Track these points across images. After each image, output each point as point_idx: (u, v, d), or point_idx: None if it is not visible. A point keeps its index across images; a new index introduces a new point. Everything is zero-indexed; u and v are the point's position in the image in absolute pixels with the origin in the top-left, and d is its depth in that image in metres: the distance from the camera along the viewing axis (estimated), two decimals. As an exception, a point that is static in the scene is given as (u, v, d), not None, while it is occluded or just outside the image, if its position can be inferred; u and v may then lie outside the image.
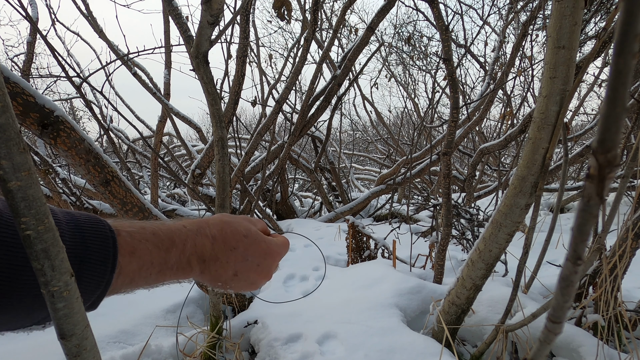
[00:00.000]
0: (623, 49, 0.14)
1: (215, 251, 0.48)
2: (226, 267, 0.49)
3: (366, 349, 1.18)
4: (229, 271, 0.49)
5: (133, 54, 2.11)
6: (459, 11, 4.18)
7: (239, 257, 0.49)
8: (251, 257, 0.50)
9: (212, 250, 0.48)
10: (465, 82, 5.57)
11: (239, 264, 0.50)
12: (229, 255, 0.49)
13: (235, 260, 0.49)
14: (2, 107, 0.25)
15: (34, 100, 0.98)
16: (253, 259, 0.51)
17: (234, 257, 0.49)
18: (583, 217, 0.16)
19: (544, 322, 0.19)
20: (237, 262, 0.49)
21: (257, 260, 0.51)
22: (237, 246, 0.50)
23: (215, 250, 0.48)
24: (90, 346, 0.32)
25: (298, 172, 6.45)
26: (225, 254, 0.49)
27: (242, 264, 0.50)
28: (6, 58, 4.43)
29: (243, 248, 0.50)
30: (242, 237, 0.50)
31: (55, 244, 0.28)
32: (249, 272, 0.51)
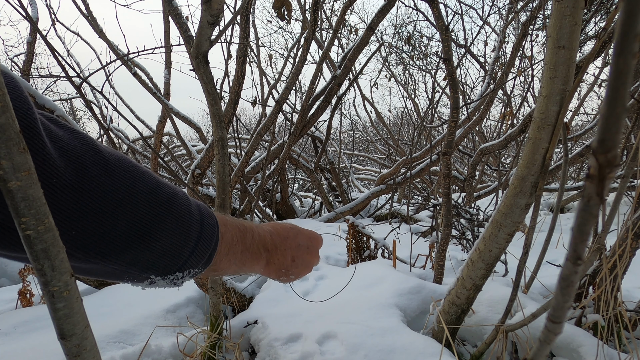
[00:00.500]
0: (623, 49, 0.14)
1: (274, 241, 0.57)
2: (285, 254, 0.58)
3: (366, 349, 1.18)
4: (288, 257, 0.58)
5: (133, 54, 2.11)
6: (459, 11, 4.18)
7: (292, 244, 0.59)
8: (302, 241, 0.60)
9: (271, 240, 0.57)
10: (465, 82, 5.57)
11: (294, 250, 0.59)
12: (285, 244, 0.58)
13: (290, 247, 0.59)
14: (2, 107, 0.25)
15: (34, 100, 0.98)
16: (303, 243, 0.61)
17: (289, 245, 0.59)
18: (583, 217, 0.16)
19: (544, 322, 0.19)
20: (292, 248, 0.59)
21: (306, 243, 0.61)
22: (289, 235, 0.59)
23: (274, 241, 0.57)
24: (90, 346, 0.32)
25: (298, 172, 6.45)
26: (283, 243, 0.58)
27: (296, 249, 0.59)
28: (6, 58, 4.43)
29: (293, 236, 0.60)
30: (290, 228, 0.60)
31: (56, 244, 0.28)
32: (303, 255, 0.61)
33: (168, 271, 0.44)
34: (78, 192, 0.35)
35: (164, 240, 0.41)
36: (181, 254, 0.43)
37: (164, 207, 0.41)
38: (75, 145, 0.37)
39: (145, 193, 0.40)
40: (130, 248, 0.39)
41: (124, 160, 0.41)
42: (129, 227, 0.38)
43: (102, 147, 0.40)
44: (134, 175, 0.40)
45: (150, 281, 0.44)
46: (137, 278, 0.43)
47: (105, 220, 0.37)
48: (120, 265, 0.40)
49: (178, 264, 0.44)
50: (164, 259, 0.42)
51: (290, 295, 1.66)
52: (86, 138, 0.39)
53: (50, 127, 0.37)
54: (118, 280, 0.43)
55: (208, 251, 0.46)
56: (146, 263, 0.41)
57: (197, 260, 0.45)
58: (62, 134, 0.37)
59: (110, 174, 0.38)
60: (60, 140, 0.36)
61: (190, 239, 0.44)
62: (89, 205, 0.36)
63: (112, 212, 0.37)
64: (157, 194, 0.41)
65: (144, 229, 0.39)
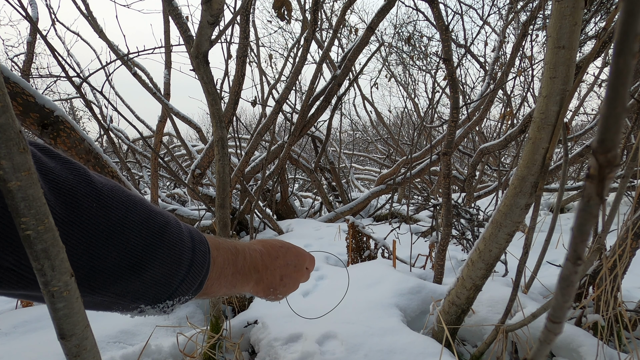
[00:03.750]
0: (623, 49, 0.14)
1: (264, 261, 0.59)
2: (274, 273, 0.59)
3: (366, 349, 1.18)
4: (277, 277, 0.60)
5: (133, 54, 2.11)
6: (459, 11, 4.18)
7: (281, 263, 0.61)
8: (289, 260, 0.62)
9: (262, 261, 0.58)
10: (465, 82, 5.57)
11: (283, 269, 0.61)
12: (274, 263, 0.60)
13: (279, 267, 0.60)
14: (2, 107, 0.25)
15: (34, 100, 0.98)
16: (291, 261, 0.62)
17: (278, 264, 0.60)
18: (583, 217, 0.16)
19: (544, 322, 0.19)
20: (281, 267, 0.60)
21: (294, 261, 0.63)
22: (278, 255, 0.61)
23: (264, 261, 0.59)
24: (90, 346, 0.32)
25: (298, 172, 6.45)
26: (272, 263, 0.59)
27: (285, 268, 0.61)
28: (6, 58, 4.43)
29: (282, 255, 0.61)
30: (279, 247, 0.62)
31: (55, 244, 0.28)
32: (291, 273, 0.62)
33: (158, 300, 0.43)
34: (68, 225, 0.35)
35: (156, 269, 0.41)
36: (172, 282, 0.43)
37: (156, 236, 0.41)
38: (67, 177, 0.37)
39: (137, 223, 0.40)
40: (121, 279, 0.39)
41: (117, 190, 0.41)
42: (120, 258, 0.38)
43: (94, 178, 0.40)
44: (127, 206, 0.40)
45: (139, 310, 0.43)
46: (127, 308, 0.42)
47: (96, 253, 0.37)
48: (110, 297, 0.40)
49: (168, 292, 0.44)
50: (154, 288, 0.42)
51: (291, 296, 1.66)
52: (79, 169, 0.39)
53: (42, 159, 0.37)
54: (106, 310, 0.42)
55: (199, 278, 0.46)
56: (136, 293, 0.41)
57: (188, 287, 0.45)
58: (54, 165, 0.37)
59: (103, 205, 0.38)
60: (51, 172, 0.36)
61: (181, 267, 0.44)
62: (80, 238, 0.36)
63: (104, 243, 0.37)
64: (149, 223, 0.41)
65: (136, 259, 0.39)
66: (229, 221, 1.14)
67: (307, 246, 2.55)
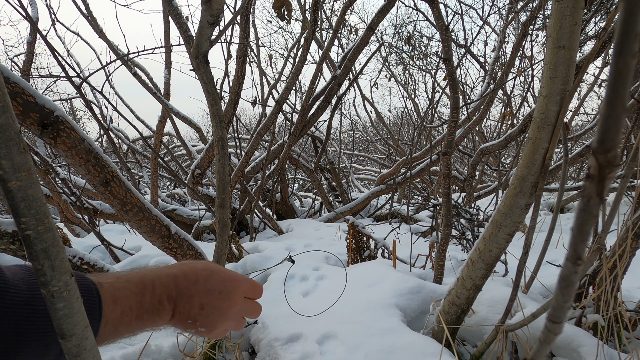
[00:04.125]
0: (623, 49, 0.14)
1: (179, 286, 0.50)
2: (192, 301, 0.50)
3: (366, 349, 1.18)
4: (195, 305, 0.50)
5: (133, 54, 2.11)
6: (459, 11, 4.18)
7: (201, 289, 0.51)
8: (212, 286, 0.52)
9: (176, 286, 0.50)
10: (465, 82, 5.57)
11: (202, 296, 0.51)
12: (191, 289, 0.50)
13: (198, 293, 0.50)
14: (2, 107, 0.25)
15: (34, 100, 0.98)
16: (214, 287, 0.52)
17: (196, 290, 0.51)
18: (583, 217, 0.16)
19: (544, 322, 0.19)
20: (201, 294, 0.51)
21: (219, 287, 0.52)
22: (198, 279, 0.51)
23: (179, 286, 0.50)
24: (90, 346, 0.32)
25: (298, 172, 6.45)
26: (188, 289, 0.50)
27: (206, 295, 0.51)
28: (6, 58, 4.43)
29: (203, 279, 0.52)
30: (201, 270, 0.52)
31: (55, 244, 0.28)
32: (215, 301, 0.52)
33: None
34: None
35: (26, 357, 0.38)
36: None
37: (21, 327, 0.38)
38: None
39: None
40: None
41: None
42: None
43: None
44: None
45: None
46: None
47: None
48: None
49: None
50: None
51: (291, 296, 1.66)
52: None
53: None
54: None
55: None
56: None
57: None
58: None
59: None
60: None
61: (51, 352, 0.40)
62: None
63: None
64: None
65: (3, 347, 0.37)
66: (229, 221, 1.14)
67: (307, 246, 2.55)
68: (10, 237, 1.26)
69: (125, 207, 1.22)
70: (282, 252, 2.24)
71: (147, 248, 2.66)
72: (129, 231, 3.53)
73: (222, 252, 1.16)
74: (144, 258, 2.41)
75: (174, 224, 1.37)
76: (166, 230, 1.32)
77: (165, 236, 1.32)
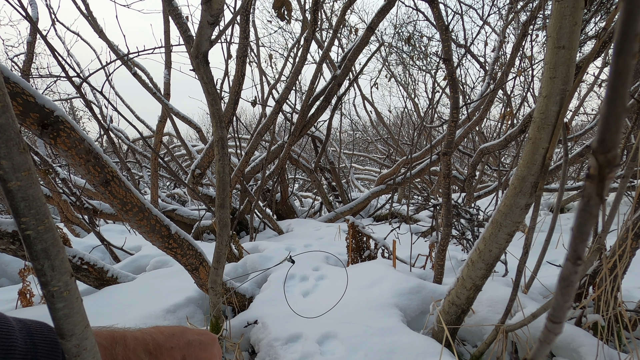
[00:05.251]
0: (623, 49, 0.14)
1: (157, 340, 0.51)
2: (172, 353, 0.51)
3: (366, 349, 1.18)
4: (177, 357, 0.51)
5: (133, 54, 2.11)
6: (459, 11, 4.18)
7: (181, 342, 0.53)
8: (190, 337, 0.54)
9: (153, 340, 0.50)
10: (465, 82, 5.57)
11: (183, 348, 0.52)
12: (170, 342, 0.52)
13: (178, 345, 0.52)
14: (2, 107, 0.25)
15: (34, 100, 0.98)
16: (194, 339, 0.54)
17: (176, 342, 0.52)
18: (583, 217, 0.16)
19: (544, 322, 0.19)
20: (181, 346, 0.52)
21: (197, 338, 0.54)
22: (174, 332, 0.53)
23: (156, 340, 0.51)
24: (90, 346, 0.32)
25: (298, 172, 6.45)
26: (168, 341, 0.52)
27: (187, 347, 0.53)
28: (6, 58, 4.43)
29: (179, 332, 0.54)
30: (174, 326, 0.55)
31: (55, 244, 0.28)
32: (197, 353, 0.53)
33: None
34: None
35: None
36: None
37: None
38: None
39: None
40: None
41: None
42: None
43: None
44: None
45: None
46: None
47: None
48: None
49: None
50: None
51: (291, 296, 1.66)
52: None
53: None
54: None
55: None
56: None
57: None
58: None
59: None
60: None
61: None
62: None
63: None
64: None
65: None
66: (229, 221, 1.14)
67: (307, 246, 2.55)
68: (10, 237, 1.26)
69: (125, 207, 1.22)
70: (282, 252, 2.24)
71: (147, 248, 2.66)
72: (129, 231, 3.53)
73: (222, 252, 1.16)
74: (144, 258, 2.41)
75: (174, 224, 1.37)
76: (166, 230, 1.32)
77: (165, 236, 1.32)
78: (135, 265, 2.35)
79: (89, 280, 1.89)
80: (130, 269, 2.30)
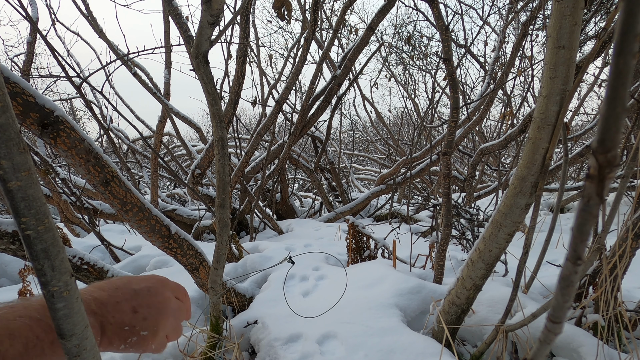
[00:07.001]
0: (623, 49, 0.14)
1: (98, 298, 0.45)
2: (120, 307, 0.45)
3: (366, 349, 1.18)
4: (126, 310, 0.46)
5: (133, 54, 2.11)
6: (459, 11, 4.18)
7: (126, 293, 0.47)
8: (136, 286, 0.48)
9: (94, 299, 0.45)
10: (465, 82, 5.57)
11: (131, 299, 0.47)
12: (114, 296, 0.46)
13: (125, 298, 0.46)
14: (2, 107, 0.25)
15: (34, 100, 0.98)
16: (140, 287, 0.48)
17: (120, 295, 0.46)
18: (583, 217, 0.16)
19: (544, 322, 0.19)
20: (128, 298, 0.46)
21: (145, 285, 0.48)
22: (117, 286, 0.47)
23: (97, 298, 0.45)
24: (90, 346, 0.32)
25: (298, 172, 6.45)
26: (111, 297, 0.46)
27: (134, 297, 0.47)
28: (6, 58, 4.43)
29: (123, 284, 0.47)
30: (117, 279, 0.48)
31: (55, 244, 0.28)
32: (147, 300, 0.47)
33: None
34: None
35: None
36: None
37: None
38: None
39: None
40: None
41: None
42: None
43: None
44: None
45: None
46: None
47: None
48: None
49: None
50: None
51: (291, 296, 1.66)
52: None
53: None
54: None
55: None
56: None
57: None
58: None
59: None
60: None
61: None
62: None
63: None
64: None
65: None
66: (229, 221, 1.14)
67: (307, 246, 2.55)
68: (10, 237, 1.26)
69: (125, 207, 1.22)
70: (282, 252, 2.24)
71: (147, 248, 2.66)
72: (129, 231, 3.53)
73: (222, 252, 1.16)
74: (144, 258, 2.41)
75: (174, 224, 1.37)
76: (166, 230, 1.32)
77: (165, 236, 1.32)
78: (135, 265, 2.35)
79: (89, 280, 1.89)
80: (130, 269, 2.30)
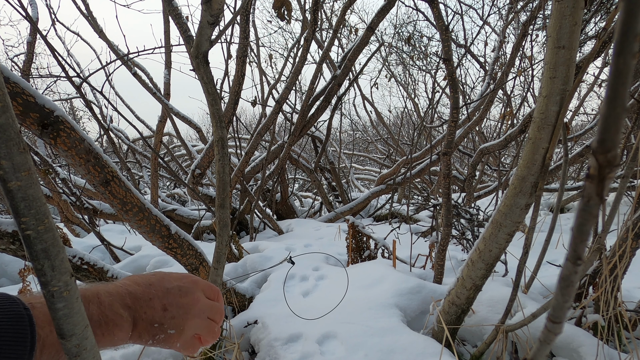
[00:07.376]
0: (623, 49, 0.14)
1: (133, 293, 0.47)
2: (152, 304, 0.47)
3: (366, 349, 1.18)
4: (157, 307, 0.48)
5: (133, 54, 2.11)
6: (459, 11, 4.18)
7: (158, 290, 0.49)
8: (168, 284, 0.50)
9: (129, 293, 0.47)
10: (465, 82, 5.57)
11: (162, 297, 0.49)
12: (148, 292, 0.48)
13: (156, 295, 0.48)
14: (2, 107, 0.25)
15: (34, 100, 0.98)
16: (172, 285, 0.50)
17: (154, 292, 0.48)
18: (583, 217, 0.16)
19: (544, 322, 0.19)
20: (160, 295, 0.48)
21: (176, 284, 0.50)
22: (151, 282, 0.49)
23: (132, 292, 0.47)
24: (90, 346, 0.32)
25: (298, 172, 6.45)
26: (145, 293, 0.48)
27: (166, 295, 0.49)
28: (6, 58, 4.43)
29: (157, 281, 0.49)
30: (151, 275, 0.51)
31: (55, 244, 0.28)
32: (177, 300, 0.49)
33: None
34: None
35: None
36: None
37: None
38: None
39: None
40: None
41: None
42: None
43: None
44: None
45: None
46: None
47: None
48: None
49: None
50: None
51: (291, 296, 1.66)
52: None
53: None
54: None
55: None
56: None
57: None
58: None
59: None
60: None
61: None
62: None
63: None
64: None
65: None
66: (229, 221, 1.14)
67: (307, 246, 2.55)
68: (10, 237, 1.26)
69: (125, 207, 1.22)
70: (282, 252, 2.24)
71: (147, 248, 2.66)
72: (129, 231, 3.53)
73: (222, 252, 1.16)
74: (144, 258, 2.41)
75: (174, 224, 1.37)
76: (166, 230, 1.32)
77: (165, 236, 1.32)
78: (135, 265, 2.35)
79: (89, 280, 1.89)
80: (130, 269, 2.30)
